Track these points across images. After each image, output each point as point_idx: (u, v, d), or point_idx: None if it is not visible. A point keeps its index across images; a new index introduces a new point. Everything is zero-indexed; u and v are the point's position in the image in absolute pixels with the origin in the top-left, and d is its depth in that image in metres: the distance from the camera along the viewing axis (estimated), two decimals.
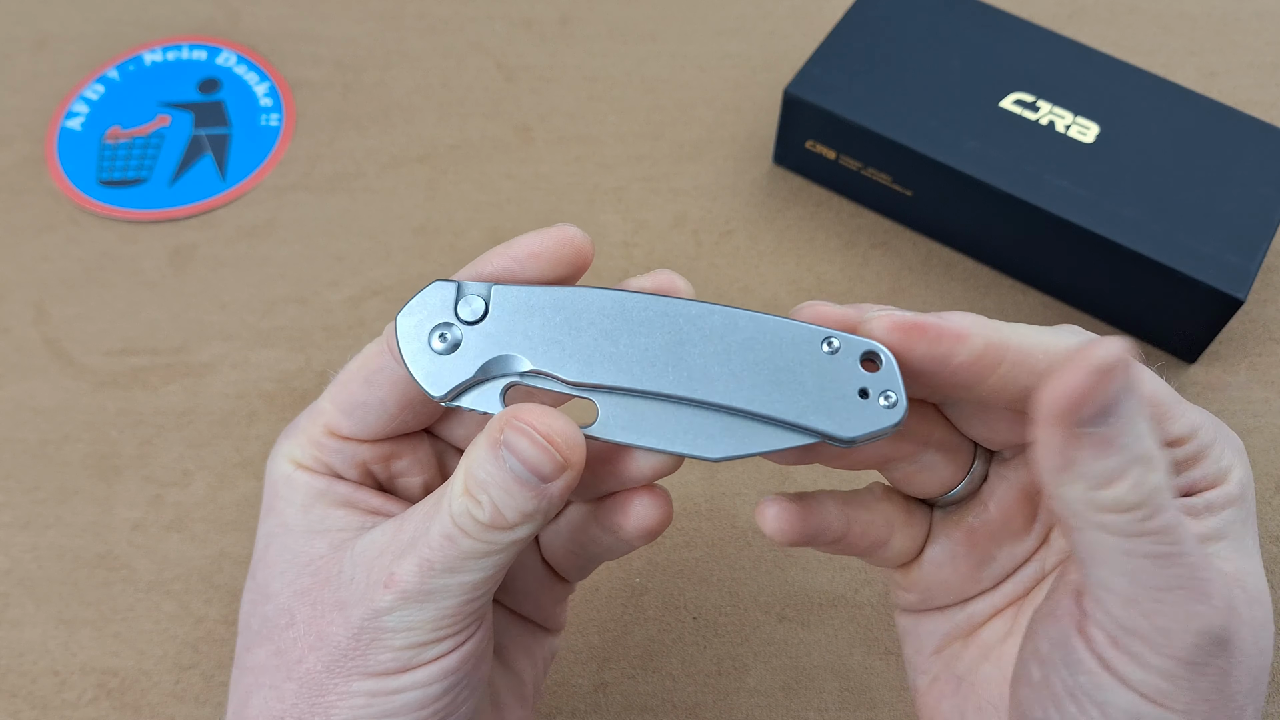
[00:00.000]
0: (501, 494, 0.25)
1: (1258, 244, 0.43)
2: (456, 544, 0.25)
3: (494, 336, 0.26)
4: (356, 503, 0.28)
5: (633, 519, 0.28)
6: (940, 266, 0.50)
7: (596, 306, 0.26)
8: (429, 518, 0.26)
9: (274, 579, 0.28)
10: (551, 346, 0.26)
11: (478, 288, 0.26)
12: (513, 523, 0.25)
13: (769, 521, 0.28)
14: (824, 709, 0.39)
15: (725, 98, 0.55)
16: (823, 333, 0.25)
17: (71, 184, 0.53)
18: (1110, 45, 0.55)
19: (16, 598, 0.41)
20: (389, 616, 0.25)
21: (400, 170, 0.53)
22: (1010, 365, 0.25)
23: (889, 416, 0.25)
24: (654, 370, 0.26)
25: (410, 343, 0.26)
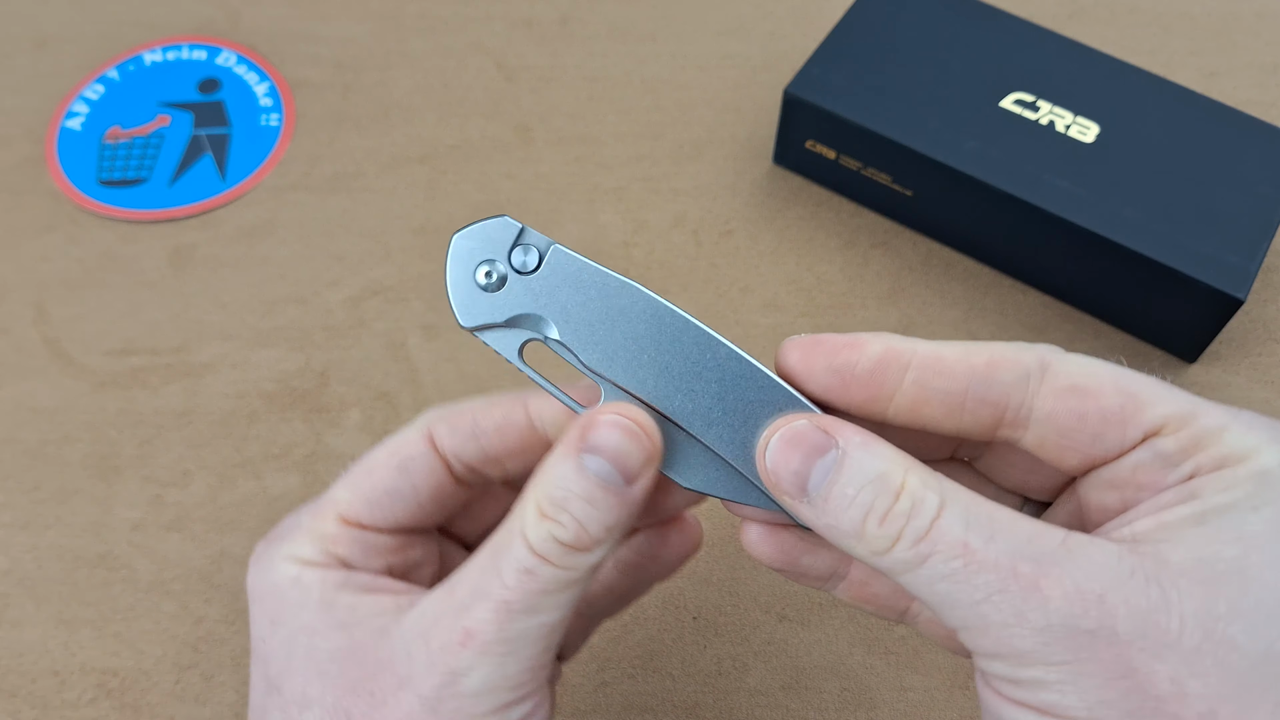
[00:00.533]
0: (584, 506, 0.24)
1: (1258, 244, 0.43)
2: (537, 576, 0.24)
3: (536, 294, 0.26)
4: (382, 588, 0.26)
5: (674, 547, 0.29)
6: (940, 266, 0.50)
7: (639, 309, 0.26)
8: (493, 564, 0.24)
9: (311, 684, 0.25)
10: (584, 327, 0.26)
11: (538, 239, 0.26)
12: (596, 539, 0.24)
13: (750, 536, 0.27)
14: (824, 709, 0.39)
15: (725, 98, 0.55)
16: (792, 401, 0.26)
17: (71, 184, 0.53)
18: (1110, 45, 0.55)
19: (16, 598, 0.41)
20: (468, 678, 0.24)
21: (400, 170, 0.53)
22: (921, 371, 0.24)
23: None
24: (666, 390, 0.26)
25: (457, 265, 0.26)
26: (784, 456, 0.24)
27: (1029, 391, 0.24)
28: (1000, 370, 0.24)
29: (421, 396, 0.46)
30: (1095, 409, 0.24)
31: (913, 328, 0.47)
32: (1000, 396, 0.24)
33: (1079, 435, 0.24)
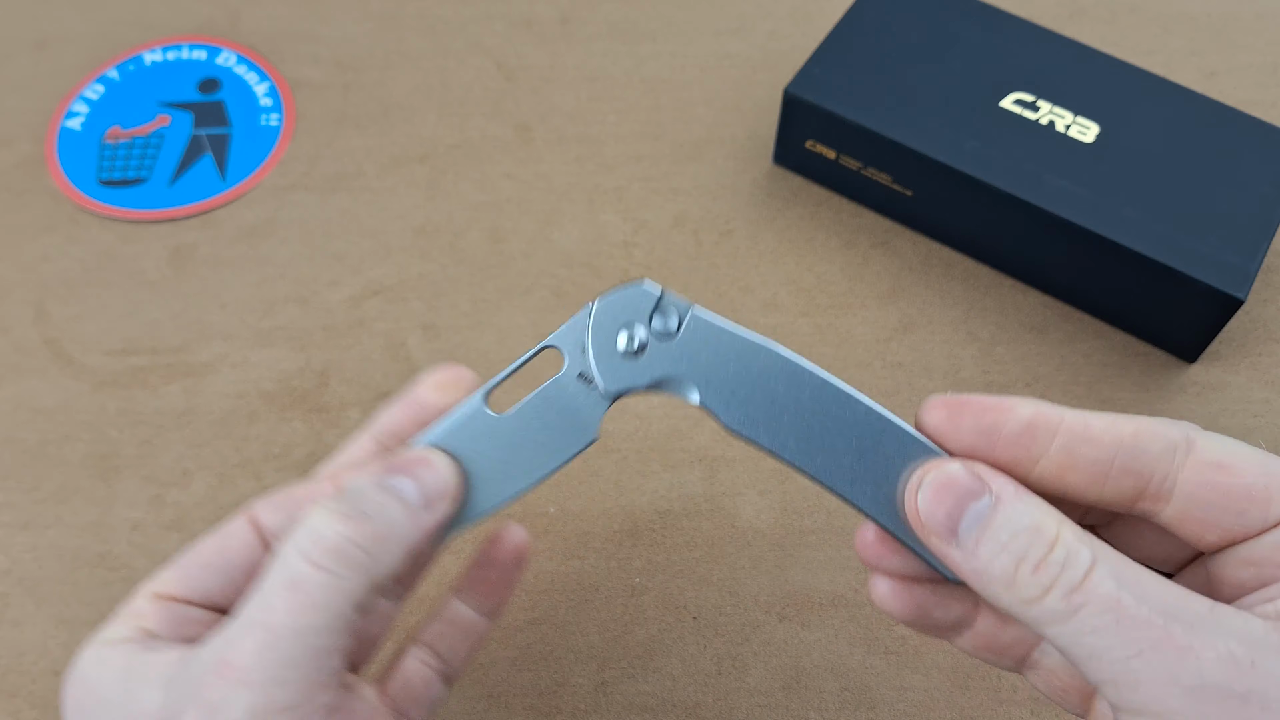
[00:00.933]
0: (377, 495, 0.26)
1: (1258, 244, 0.43)
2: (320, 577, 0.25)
3: (677, 358, 0.27)
4: (191, 637, 0.27)
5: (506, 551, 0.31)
6: (940, 266, 0.50)
7: (777, 370, 0.27)
8: (245, 606, 0.25)
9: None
10: (724, 390, 0.27)
11: (678, 303, 0.27)
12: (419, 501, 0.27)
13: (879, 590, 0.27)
14: (824, 708, 0.39)
15: (725, 97, 0.55)
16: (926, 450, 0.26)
17: (71, 184, 0.53)
18: (1110, 45, 0.55)
19: (16, 598, 0.41)
20: (231, 709, 0.23)
21: (400, 170, 0.53)
22: (1069, 438, 0.24)
23: None
24: (803, 449, 0.27)
25: (600, 332, 0.27)
26: (937, 499, 0.24)
27: (1174, 465, 0.24)
28: (1147, 442, 0.24)
29: None
30: (1239, 486, 0.24)
31: (913, 327, 0.47)
32: (1145, 468, 0.24)
33: (1221, 511, 0.24)
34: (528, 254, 0.50)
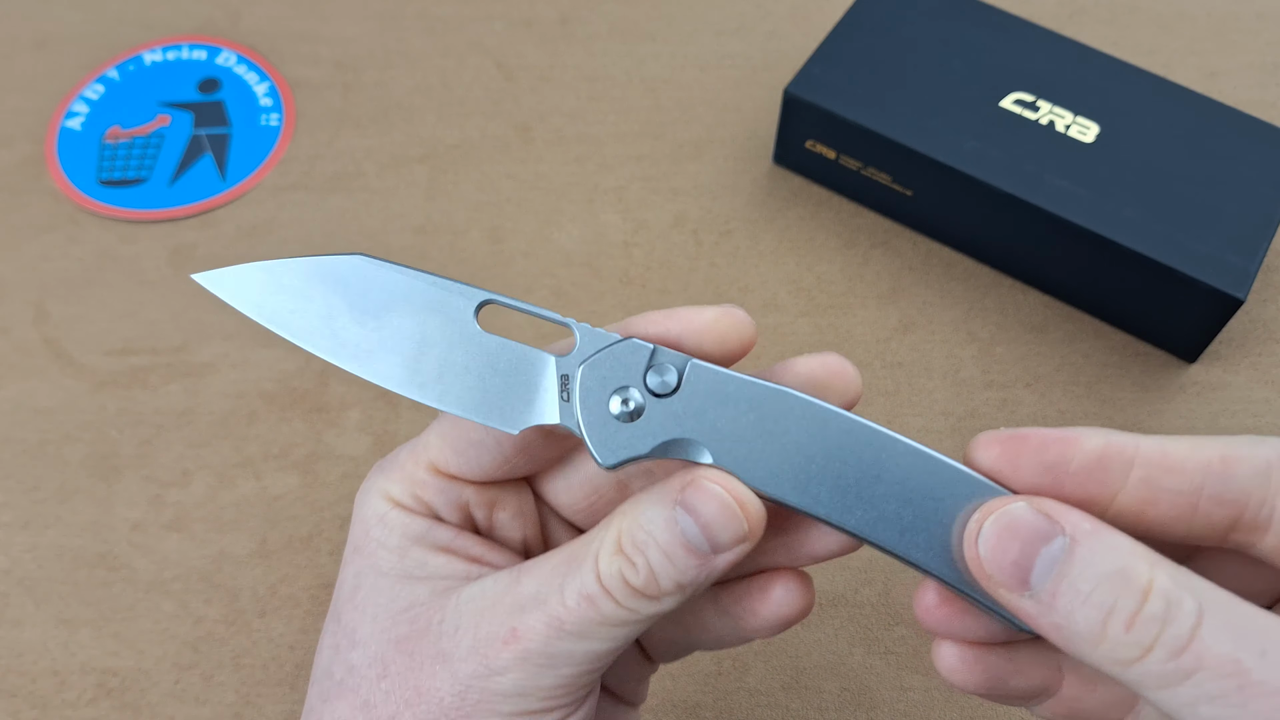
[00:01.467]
0: (661, 559, 0.23)
1: (1258, 244, 0.43)
2: (596, 607, 0.23)
3: (680, 417, 0.24)
4: (457, 549, 0.26)
5: (774, 604, 0.25)
6: (940, 266, 0.50)
7: (795, 415, 0.24)
8: (560, 575, 0.24)
9: (364, 624, 0.25)
10: (739, 445, 0.24)
11: (673, 357, 0.24)
12: (664, 591, 0.23)
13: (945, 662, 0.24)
14: (824, 709, 0.39)
15: (725, 97, 0.55)
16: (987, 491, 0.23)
17: (71, 184, 0.53)
18: (1110, 45, 0.55)
19: (16, 597, 0.41)
20: (502, 678, 0.23)
21: (400, 170, 0.53)
22: (1148, 469, 0.21)
23: None
24: (839, 502, 0.24)
25: (589, 397, 0.24)
26: (1002, 544, 0.21)
27: (1271, 489, 0.21)
28: (1237, 465, 0.21)
29: None
30: None
31: (913, 327, 0.47)
32: (1238, 495, 0.21)
33: None
34: (528, 254, 0.50)
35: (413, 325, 0.25)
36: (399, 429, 0.45)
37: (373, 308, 0.25)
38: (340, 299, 0.25)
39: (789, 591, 0.25)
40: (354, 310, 0.25)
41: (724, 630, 0.27)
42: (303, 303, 0.25)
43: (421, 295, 0.25)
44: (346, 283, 0.25)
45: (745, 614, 0.26)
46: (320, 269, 0.25)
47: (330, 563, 0.42)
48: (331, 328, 0.25)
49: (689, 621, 0.27)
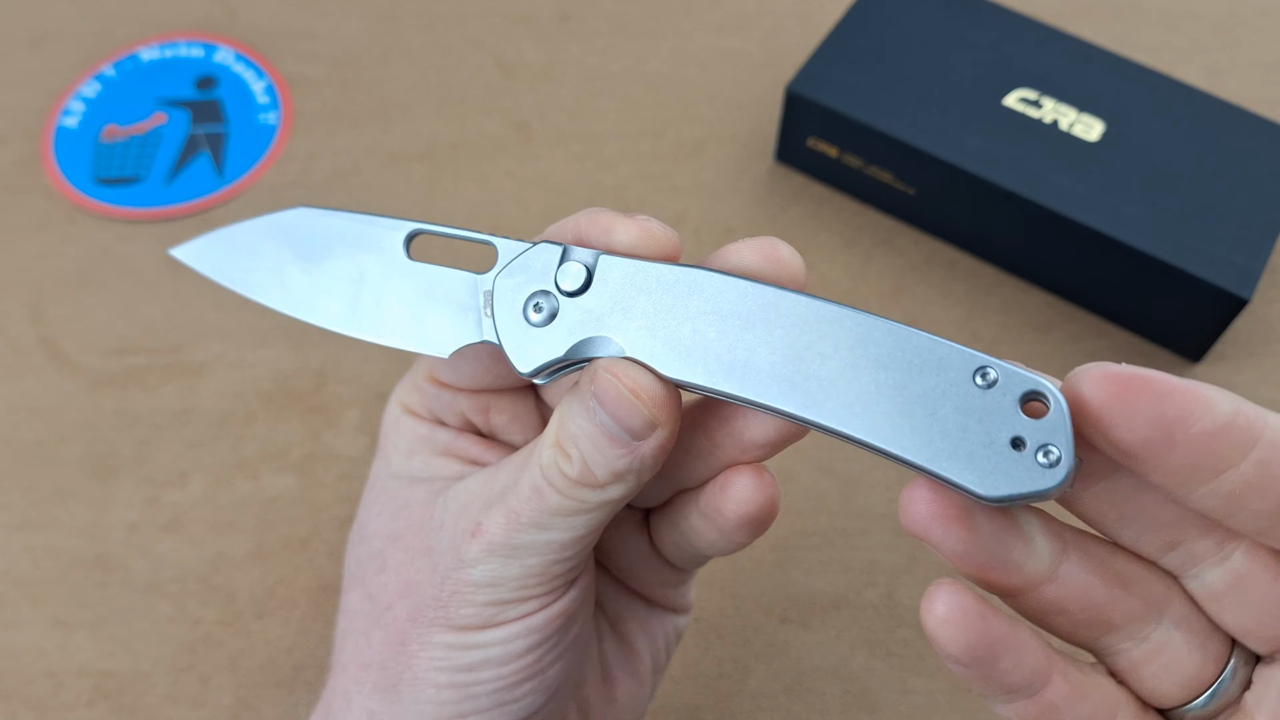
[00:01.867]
0: (591, 449, 0.23)
1: (1263, 243, 0.43)
2: (544, 499, 0.24)
3: (593, 313, 0.23)
4: (457, 451, 0.28)
5: (732, 501, 0.25)
6: (943, 265, 0.49)
7: (712, 293, 0.22)
8: (520, 470, 0.25)
9: (370, 520, 0.28)
10: (654, 333, 0.23)
11: (583, 254, 0.24)
12: (602, 481, 0.24)
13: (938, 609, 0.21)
14: (825, 711, 0.39)
15: (726, 95, 0.55)
16: (978, 360, 0.21)
17: (68, 182, 0.52)
18: (1114, 43, 0.55)
19: (12, 599, 0.41)
20: (473, 569, 0.25)
21: (398, 168, 0.53)
22: (1271, 451, 0.19)
23: (1046, 478, 0.20)
24: (766, 381, 0.22)
25: (505, 307, 0.24)
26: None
27: None
28: None
29: None
30: None
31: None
32: None
33: None
34: None
35: (350, 265, 0.26)
36: None
37: (314, 254, 0.26)
38: (287, 250, 0.26)
39: (744, 488, 0.25)
40: (298, 259, 0.26)
41: (710, 534, 0.27)
42: (256, 260, 0.26)
43: (355, 235, 0.25)
44: (291, 234, 0.26)
45: (715, 515, 0.26)
46: (269, 225, 0.27)
47: (328, 564, 0.42)
48: (280, 279, 0.26)
49: (683, 527, 0.28)
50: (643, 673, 0.31)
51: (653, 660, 0.31)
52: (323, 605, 0.41)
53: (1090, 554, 0.22)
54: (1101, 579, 0.22)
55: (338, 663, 0.27)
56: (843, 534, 0.42)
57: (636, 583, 0.31)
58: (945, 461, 0.20)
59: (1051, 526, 0.22)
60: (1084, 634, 0.23)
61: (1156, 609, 0.22)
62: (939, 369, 0.21)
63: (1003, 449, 0.20)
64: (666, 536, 0.29)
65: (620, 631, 0.31)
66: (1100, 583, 0.22)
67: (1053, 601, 0.22)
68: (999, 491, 0.20)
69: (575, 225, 0.25)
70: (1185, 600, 0.22)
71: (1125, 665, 0.22)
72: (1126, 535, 0.22)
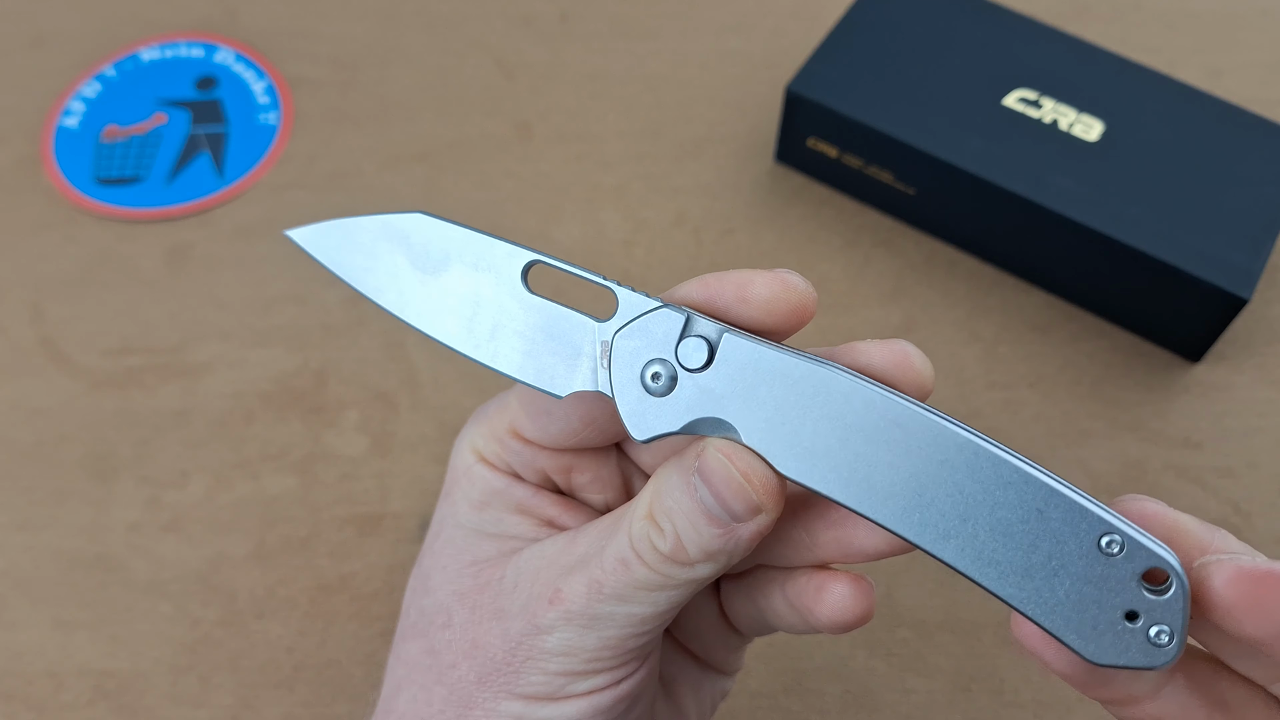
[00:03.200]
0: (687, 526, 0.23)
1: (1263, 243, 0.43)
2: (631, 570, 0.23)
3: (713, 393, 0.23)
4: (532, 509, 0.27)
5: (827, 607, 0.25)
6: (943, 265, 0.49)
7: (839, 397, 0.21)
8: (605, 537, 0.24)
9: (436, 572, 0.27)
10: (774, 426, 0.22)
11: (706, 327, 0.23)
12: (694, 559, 0.23)
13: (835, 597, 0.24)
14: (825, 711, 0.39)
15: (726, 95, 0.55)
16: (1104, 524, 0.20)
17: (68, 182, 0.52)
18: (1114, 43, 0.55)
19: (13, 599, 0.41)
20: (549, 637, 0.24)
21: (399, 168, 0.53)
22: None
23: (1155, 656, 0.20)
24: (883, 500, 0.21)
25: (623, 369, 0.23)
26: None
27: None
28: None
29: (420, 396, 0.46)
30: None
31: (915, 327, 0.47)
32: None
33: None
34: None
35: (467, 284, 0.25)
36: (397, 429, 0.45)
37: (431, 264, 0.25)
38: (404, 255, 0.26)
39: (843, 597, 0.25)
40: (415, 267, 0.26)
41: (793, 620, 0.26)
42: (372, 259, 0.26)
43: (474, 253, 0.25)
44: (409, 239, 0.26)
45: (805, 610, 0.26)
46: (387, 226, 0.26)
47: (328, 564, 0.42)
48: (397, 284, 0.26)
49: (762, 604, 0.27)
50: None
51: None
52: (323, 605, 0.41)
53: (1195, 676, 0.22)
54: (1203, 702, 0.22)
55: (391, 710, 0.27)
56: None
57: (696, 645, 0.30)
58: (1059, 621, 0.20)
59: None
60: None
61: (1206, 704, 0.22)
62: (1064, 527, 0.20)
63: (1117, 619, 0.20)
64: (739, 607, 0.28)
65: (672, 694, 0.30)
66: (1202, 706, 0.22)
67: (1152, 717, 0.22)
68: (1105, 660, 0.20)
69: (703, 283, 0.24)
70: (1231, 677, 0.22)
71: None
72: (1237, 663, 0.22)
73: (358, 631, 0.40)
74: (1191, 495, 0.43)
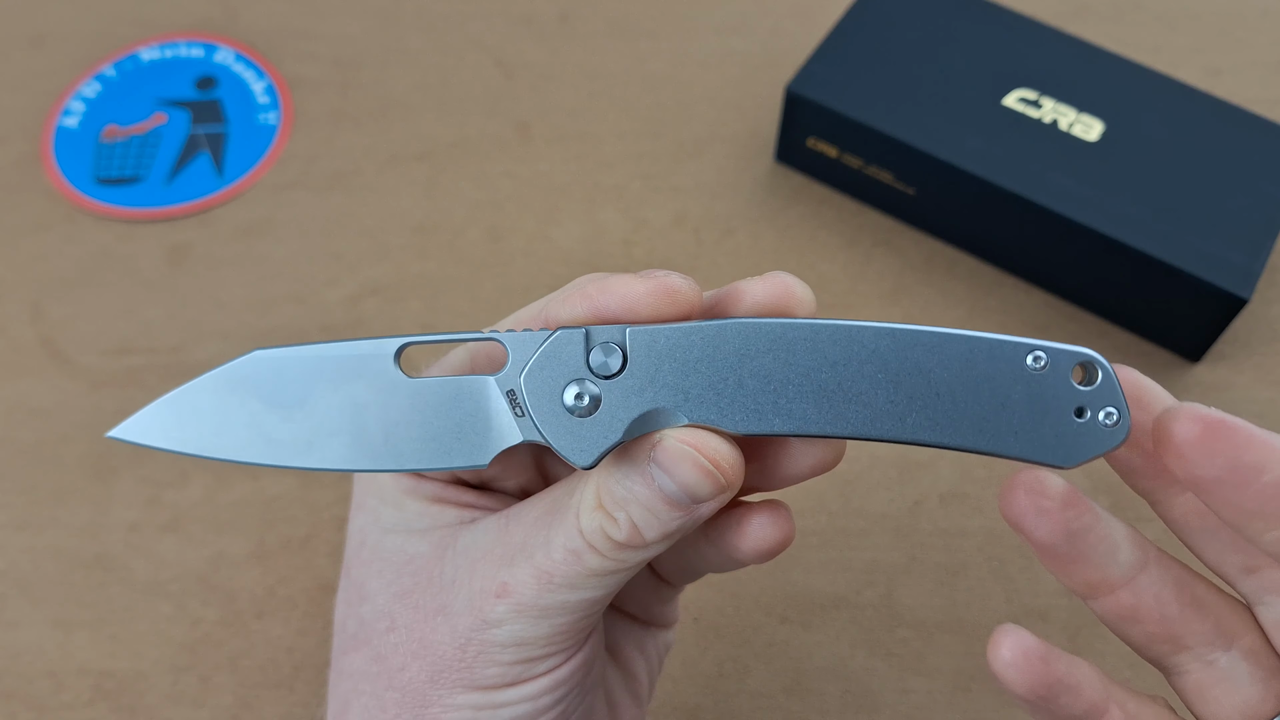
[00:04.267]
0: (643, 513, 0.23)
1: (1262, 243, 0.43)
2: (583, 560, 0.23)
3: (638, 390, 0.23)
4: (449, 498, 0.27)
5: (750, 539, 0.25)
6: (943, 265, 0.49)
7: (746, 340, 0.22)
8: (545, 526, 0.24)
9: (370, 579, 0.26)
10: (706, 393, 0.22)
11: (608, 333, 0.23)
12: (650, 541, 0.23)
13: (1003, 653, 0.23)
14: (825, 711, 0.39)
15: (726, 95, 0.55)
16: (1025, 346, 0.22)
17: (68, 182, 0.52)
18: (1114, 43, 0.55)
19: (13, 599, 0.41)
20: (499, 630, 0.24)
21: (399, 168, 0.53)
22: None
23: (1113, 436, 0.22)
24: (828, 411, 0.22)
25: (542, 404, 0.23)
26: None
27: None
28: None
29: None
30: None
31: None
32: None
33: None
34: (527, 253, 0.50)
35: (339, 398, 0.24)
36: None
37: (292, 398, 0.24)
38: (257, 401, 0.24)
39: (763, 525, 0.25)
40: (275, 407, 0.24)
41: (718, 558, 0.27)
42: (222, 419, 0.24)
43: (334, 366, 0.24)
44: (255, 383, 0.24)
45: (729, 547, 0.26)
46: (223, 379, 0.24)
47: (328, 564, 0.42)
48: (261, 433, 0.24)
49: (688, 552, 0.28)
50: (641, 694, 0.31)
51: (649, 679, 0.31)
52: (322, 605, 0.41)
53: (1170, 571, 0.24)
54: (1177, 596, 0.23)
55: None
56: (842, 534, 0.42)
57: (630, 605, 0.31)
58: (1025, 447, 0.22)
59: (1137, 538, 0.23)
60: (1156, 648, 0.24)
61: (1227, 637, 0.23)
62: (993, 365, 0.22)
63: (1068, 421, 0.22)
64: (665, 559, 0.29)
65: (619, 658, 0.30)
66: (1175, 599, 0.23)
67: (1128, 608, 0.23)
68: (1077, 459, 0.22)
69: (585, 297, 0.24)
70: (1258, 635, 0.23)
71: (1191, 686, 0.24)
72: (1210, 551, 0.23)
73: None
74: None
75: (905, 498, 0.43)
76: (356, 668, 0.26)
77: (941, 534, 0.42)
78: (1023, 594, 0.41)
